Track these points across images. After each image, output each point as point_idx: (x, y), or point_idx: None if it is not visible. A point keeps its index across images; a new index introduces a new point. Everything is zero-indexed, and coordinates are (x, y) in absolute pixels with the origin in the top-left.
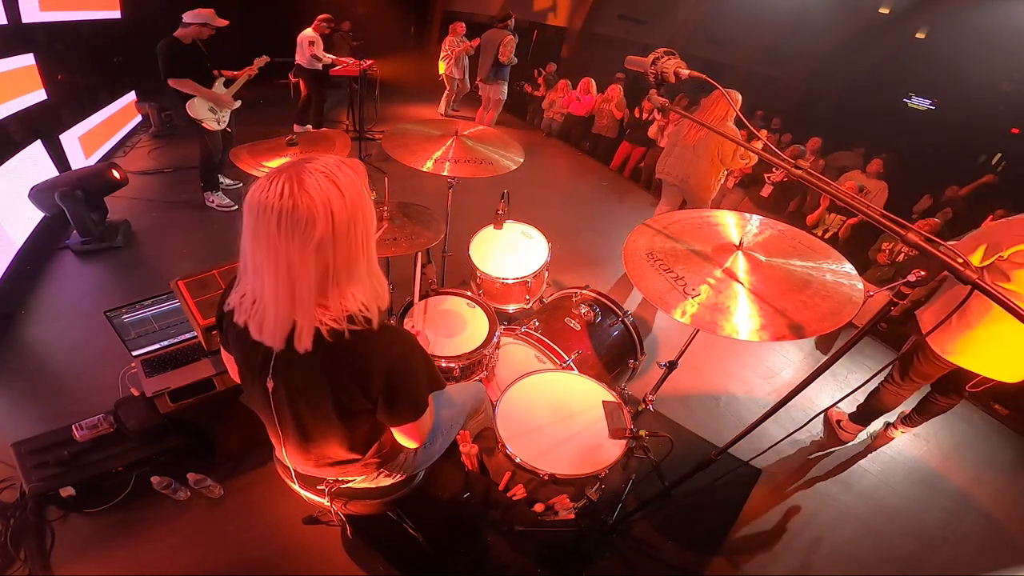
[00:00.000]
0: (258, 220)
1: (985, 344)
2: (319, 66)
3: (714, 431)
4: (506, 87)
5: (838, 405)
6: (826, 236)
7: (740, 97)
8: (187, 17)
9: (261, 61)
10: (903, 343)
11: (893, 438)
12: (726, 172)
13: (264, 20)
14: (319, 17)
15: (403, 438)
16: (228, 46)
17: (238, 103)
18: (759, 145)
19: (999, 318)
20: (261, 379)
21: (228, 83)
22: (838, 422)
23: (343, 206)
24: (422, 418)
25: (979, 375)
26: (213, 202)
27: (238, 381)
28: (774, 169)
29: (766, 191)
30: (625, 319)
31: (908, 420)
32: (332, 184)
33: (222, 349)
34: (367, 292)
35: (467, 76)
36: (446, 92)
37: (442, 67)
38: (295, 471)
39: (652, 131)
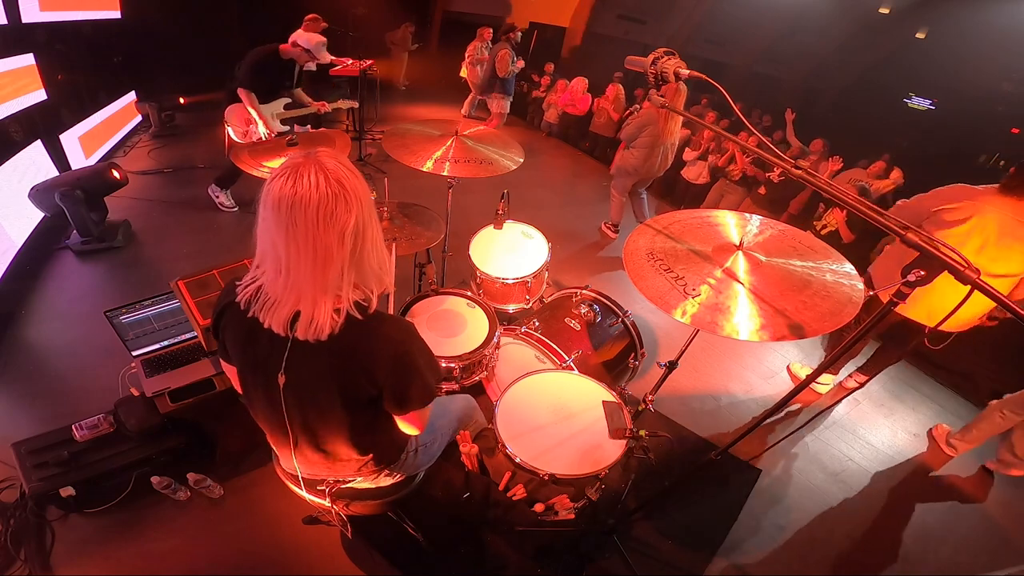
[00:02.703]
0: (292, 213)
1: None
2: (312, 67)
3: (714, 431)
4: (507, 101)
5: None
6: (824, 232)
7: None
8: (299, 40)
9: (346, 104)
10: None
11: (850, 388)
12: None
13: (265, 21)
14: (307, 17)
15: (407, 426)
16: (231, 48)
17: (280, 127)
18: (756, 143)
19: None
20: (269, 377)
21: (291, 106)
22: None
23: (364, 189)
24: (427, 405)
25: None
26: (218, 197)
27: (240, 391)
28: (775, 168)
29: (763, 190)
30: (625, 319)
31: (864, 369)
32: (349, 170)
33: (222, 361)
34: (374, 276)
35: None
36: (471, 95)
37: (464, 71)
38: (301, 476)
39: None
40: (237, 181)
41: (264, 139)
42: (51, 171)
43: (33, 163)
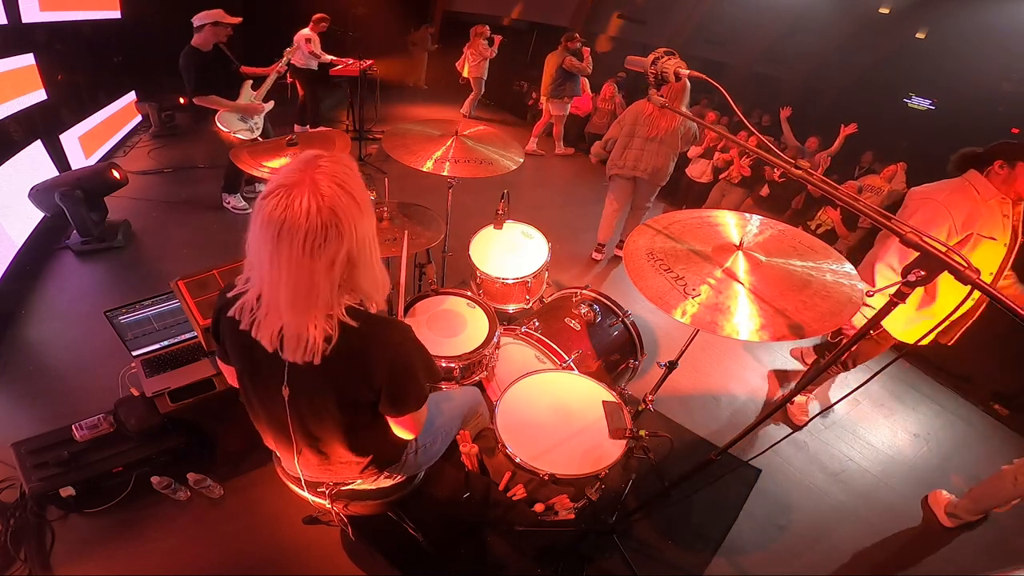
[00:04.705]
0: (280, 239)
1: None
2: (314, 65)
3: (714, 431)
4: (568, 105)
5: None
6: (819, 231)
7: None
8: (196, 20)
9: (289, 54)
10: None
11: (807, 406)
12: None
13: (263, 21)
14: (314, 17)
15: (401, 430)
16: (231, 48)
17: (270, 104)
18: (756, 144)
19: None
20: (269, 385)
21: (257, 84)
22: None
23: (360, 217)
24: (421, 409)
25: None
26: (229, 203)
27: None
28: (774, 168)
29: (764, 191)
30: (625, 319)
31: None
32: (348, 195)
33: (219, 361)
34: (370, 286)
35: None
36: (472, 95)
37: (466, 70)
38: (302, 478)
39: (598, 146)
40: (242, 181)
41: (263, 132)
42: (51, 171)
43: (33, 163)
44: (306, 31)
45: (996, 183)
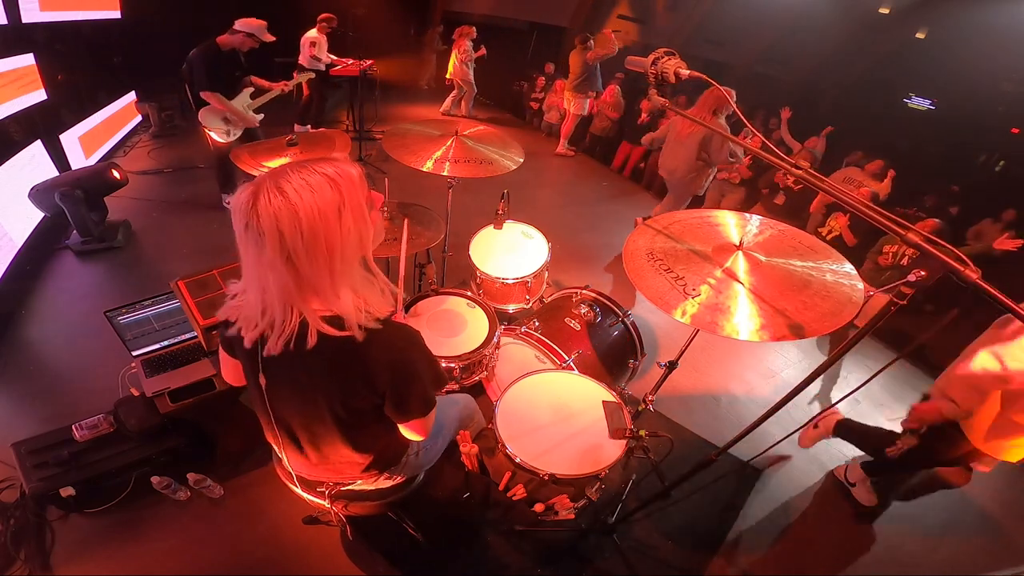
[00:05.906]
0: (236, 222)
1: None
2: (321, 66)
3: (714, 431)
4: (586, 102)
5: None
6: (829, 238)
7: (733, 93)
8: (238, 24)
9: (303, 77)
10: (904, 343)
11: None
12: (715, 169)
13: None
14: (320, 17)
15: (410, 433)
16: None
17: (260, 117)
18: (758, 145)
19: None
20: (254, 376)
21: (256, 94)
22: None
23: (294, 227)
24: (430, 413)
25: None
26: (229, 203)
27: (232, 383)
28: (786, 174)
29: (780, 199)
30: (625, 319)
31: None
32: (288, 204)
33: (222, 352)
34: (361, 297)
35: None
36: (467, 94)
37: (451, 70)
38: (296, 475)
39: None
40: (236, 180)
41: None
42: (51, 171)
43: (33, 163)
44: (312, 34)
45: None
